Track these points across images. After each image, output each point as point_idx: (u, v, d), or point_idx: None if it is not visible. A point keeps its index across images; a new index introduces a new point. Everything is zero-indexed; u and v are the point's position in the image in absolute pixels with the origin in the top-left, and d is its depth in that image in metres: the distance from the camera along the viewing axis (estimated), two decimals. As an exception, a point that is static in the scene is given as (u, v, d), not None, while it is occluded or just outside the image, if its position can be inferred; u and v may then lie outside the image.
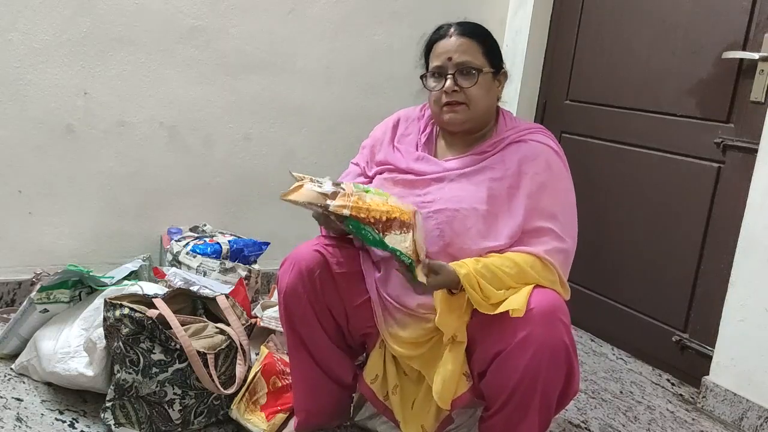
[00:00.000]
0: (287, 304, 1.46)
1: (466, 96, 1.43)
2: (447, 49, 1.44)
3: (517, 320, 1.27)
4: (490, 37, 1.49)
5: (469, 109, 1.44)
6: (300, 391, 1.56)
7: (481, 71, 1.43)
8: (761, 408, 1.83)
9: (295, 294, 1.44)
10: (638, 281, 2.27)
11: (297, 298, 1.44)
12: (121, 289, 1.71)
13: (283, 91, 2.39)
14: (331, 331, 1.50)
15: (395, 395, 1.50)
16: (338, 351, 1.53)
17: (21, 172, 2.07)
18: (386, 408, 1.53)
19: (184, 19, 2.19)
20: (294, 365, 1.54)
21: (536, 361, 1.27)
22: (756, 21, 1.92)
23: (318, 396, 1.56)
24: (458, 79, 1.42)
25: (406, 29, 2.52)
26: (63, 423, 1.56)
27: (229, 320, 1.65)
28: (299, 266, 1.44)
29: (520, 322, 1.28)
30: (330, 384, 1.55)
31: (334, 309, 1.48)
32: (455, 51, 1.43)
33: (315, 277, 1.43)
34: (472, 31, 1.46)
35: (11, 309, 2.05)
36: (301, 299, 1.44)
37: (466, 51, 1.43)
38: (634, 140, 2.27)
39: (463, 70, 1.42)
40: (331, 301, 1.47)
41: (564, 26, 2.57)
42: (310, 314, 1.46)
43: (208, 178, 2.34)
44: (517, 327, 1.28)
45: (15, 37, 1.98)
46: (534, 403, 1.31)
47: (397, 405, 1.50)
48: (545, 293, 1.33)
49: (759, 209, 1.84)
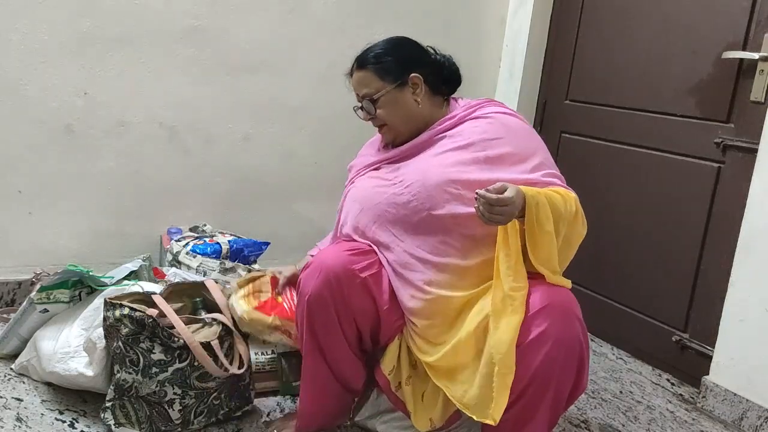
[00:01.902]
0: (311, 309, 1.45)
1: (380, 120, 1.57)
2: (354, 86, 1.61)
3: (533, 316, 1.29)
4: (385, 55, 1.57)
5: (391, 128, 1.58)
6: (308, 393, 1.56)
7: (378, 97, 1.55)
8: (761, 408, 1.83)
9: (321, 300, 1.44)
10: (638, 281, 2.27)
11: (323, 304, 1.44)
12: (121, 289, 1.71)
13: (283, 91, 2.39)
14: (351, 338, 1.50)
15: (408, 386, 1.51)
16: (354, 358, 1.53)
17: (21, 172, 2.07)
18: (398, 399, 1.54)
19: (184, 19, 2.19)
20: (306, 367, 1.54)
21: (551, 358, 1.28)
22: (756, 21, 1.92)
23: (325, 400, 1.56)
24: (366, 108, 1.58)
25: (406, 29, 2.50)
26: (63, 423, 1.57)
27: (216, 297, 1.69)
28: (326, 272, 1.44)
29: (536, 319, 1.28)
30: (339, 389, 1.56)
31: (360, 316, 1.47)
32: (357, 86, 1.60)
33: (343, 285, 1.44)
34: (363, 61, 1.58)
35: (11, 309, 2.05)
36: (327, 305, 1.44)
37: (363, 83, 1.58)
38: (634, 140, 2.27)
39: (368, 101, 1.57)
40: (358, 309, 1.46)
41: (564, 26, 2.57)
42: (333, 321, 1.46)
43: (208, 178, 2.34)
44: (533, 323, 1.29)
45: (15, 37, 1.98)
46: (546, 400, 1.31)
47: (409, 396, 1.51)
48: (559, 290, 1.35)
49: (759, 209, 1.84)
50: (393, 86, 1.54)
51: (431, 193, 1.43)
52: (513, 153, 1.46)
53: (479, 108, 1.55)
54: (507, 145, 1.46)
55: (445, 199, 1.42)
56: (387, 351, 1.54)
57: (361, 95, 1.58)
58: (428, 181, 1.44)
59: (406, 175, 1.50)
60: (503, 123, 1.51)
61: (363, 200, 1.54)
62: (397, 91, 1.55)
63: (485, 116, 1.52)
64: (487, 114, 1.53)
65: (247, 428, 1.65)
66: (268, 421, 1.69)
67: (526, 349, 1.29)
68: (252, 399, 1.70)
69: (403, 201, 1.46)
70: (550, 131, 2.58)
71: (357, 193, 1.58)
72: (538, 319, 1.29)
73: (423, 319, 1.45)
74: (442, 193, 1.42)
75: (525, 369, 1.29)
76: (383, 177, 1.55)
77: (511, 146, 1.47)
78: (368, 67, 1.56)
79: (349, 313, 1.46)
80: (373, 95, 1.55)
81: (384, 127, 1.59)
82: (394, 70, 1.55)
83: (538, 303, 1.30)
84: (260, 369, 1.77)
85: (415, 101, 1.56)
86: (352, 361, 1.53)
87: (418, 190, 1.45)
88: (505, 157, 1.45)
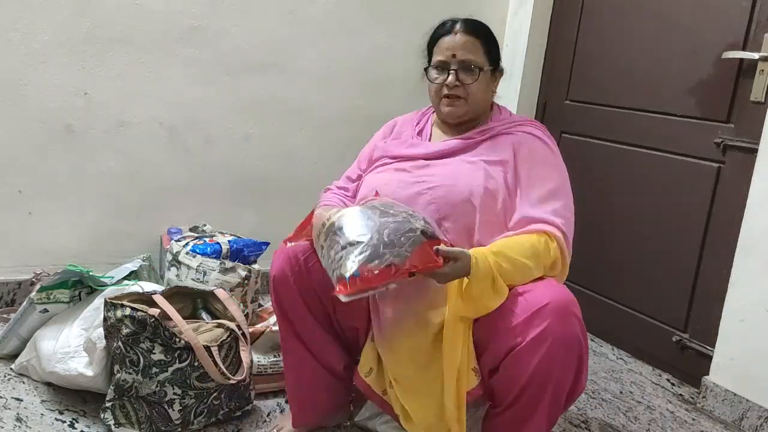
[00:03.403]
0: (276, 290, 1.48)
1: (466, 91, 1.51)
2: (451, 46, 1.51)
3: (533, 315, 1.29)
4: (492, 36, 1.56)
5: (467, 103, 1.53)
6: (292, 379, 1.57)
7: (482, 69, 1.51)
8: (761, 408, 1.83)
9: (283, 277, 1.46)
10: (638, 281, 2.27)
11: (285, 281, 1.46)
12: (121, 289, 1.71)
13: (283, 91, 2.39)
14: (320, 316, 1.51)
15: (392, 389, 1.50)
16: (328, 338, 1.54)
17: (21, 172, 2.07)
18: (384, 402, 1.53)
19: (184, 19, 2.19)
20: (286, 352, 1.56)
21: (550, 357, 1.28)
22: (756, 21, 1.92)
23: (310, 386, 1.56)
24: (460, 75, 1.50)
25: (406, 29, 2.52)
26: (63, 423, 1.57)
27: (230, 309, 1.69)
28: (287, 251, 1.48)
29: (536, 318, 1.29)
30: (322, 372, 1.56)
31: (322, 293, 1.47)
32: (460, 48, 1.50)
33: (301, 260, 1.46)
34: (476, 29, 1.53)
35: (11, 309, 2.05)
36: (288, 281, 1.46)
37: (470, 49, 1.51)
38: (634, 140, 2.27)
39: (466, 67, 1.50)
40: (319, 285, 1.46)
41: (564, 26, 2.57)
42: (296, 296, 1.46)
43: (208, 178, 2.34)
44: (532, 322, 1.29)
45: (15, 37, 1.98)
46: (545, 400, 1.31)
47: (396, 400, 1.50)
48: (558, 288, 1.35)
49: (759, 209, 1.84)
50: (490, 68, 1.54)
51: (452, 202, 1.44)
52: (531, 182, 1.46)
53: (521, 125, 1.55)
54: (529, 172, 1.47)
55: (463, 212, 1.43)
56: (362, 353, 1.54)
57: (462, 59, 1.50)
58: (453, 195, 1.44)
59: (434, 177, 1.48)
60: (533, 149, 1.50)
61: (382, 187, 1.53)
62: (490, 74, 1.55)
63: (526, 134, 1.53)
64: (527, 132, 1.53)
65: (247, 428, 1.65)
66: (268, 421, 1.69)
67: (524, 349, 1.29)
68: (252, 399, 1.70)
69: (423, 201, 1.45)
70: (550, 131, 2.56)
71: (378, 182, 1.55)
72: (538, 318, 1.28)
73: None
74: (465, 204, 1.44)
75: (524, 368, 1.29)
76: (408, 170, 1.53)
77: (532, 174, 1.47)
78: (479, 37, 1.52)
79: (309, 286, 1.45)
80: (476, 68, 1.50)
81: (460, 100, 1.52)
82: (496, 54, 1.56)
83: (538, 302, 1.30)
84: (262, 372, 1.78)
85: (493, 92, 1.59)
86: (327, 340, 1.54)
87: (441, 195, 1.45)
88: (523, 183, 1.46)
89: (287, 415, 1.66)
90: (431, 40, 1.57)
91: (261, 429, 1.65)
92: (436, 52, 1.55)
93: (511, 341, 1.31)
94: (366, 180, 1.60)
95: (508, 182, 1.46)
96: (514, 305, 1.33)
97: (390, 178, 1.54)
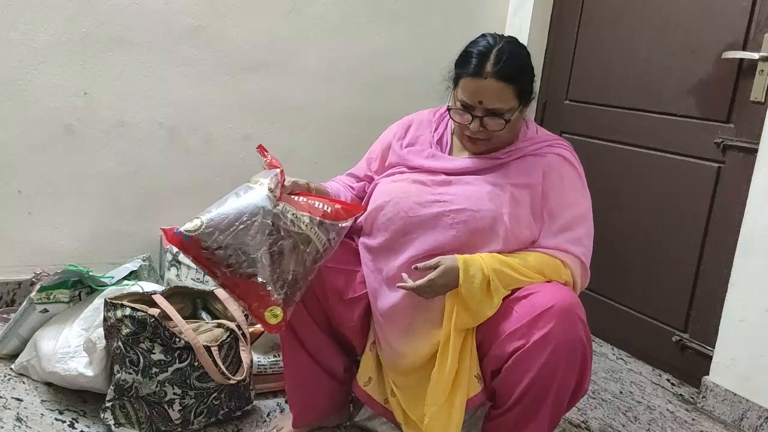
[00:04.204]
0: None
1: (490, 134, 1.41)
2: (479, 91, 1.37)
3: (537, 318, 1.28)
4: (527, 74, 1.42)
5: (491, 142, 1.44)
6: (292, 380, 1.57)
7: (509, 118, 1.39)
8: (761, 408, 1.83)
9: None
10: (638, 281, 2.27)
11: None
12: (121, 289, 1.71)
13: (283, 91, 2.39)
14: (319, 318, 1.50)
15: (394, 398, 1.50)
16: (328, 340, 1.54)
17: (21, 172, 2.07)
18: (386, 411, 1.53)
19: (184, 19, 2.19)
20: (285, 354, 1.56)
21: (554, 359, 1.28)
22: (756, 21, 1.92)
23: (310, 387, 1.56)
24: (485, 120, 1.39)
25: (406, 29, 2.52)
26: (63, 423, 1.57)
27: (230, 309, 1.68)
28: None
29: (540, 320, 1.28)
30: (322, 375, 1.56)
31: (321, 296, 1.48)
32: (488, 96, 1.36)
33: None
34: (509, 75, 1.36)
35: (11, 309, 2.05)
36: None
37: (499, 96, 1.37)
38: (634, 140, 2.27)
39: (492, 114, 1.39)
40: (318, 288, 1.45)
41: (564, 26, 2.57)
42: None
43: (208, 178, 2.34)
44: (536, 325, 1.28)
45: (15, 37, 1.98)
46: (547, 402, 1.31)
47: (398, 408, 1.50)
48: (563, 291, 1.34)
49: (759, 209, 1.84)
50: (520, 108, 1.41)
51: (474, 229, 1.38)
52: (558, 210, 1.42)
53: (549, 146, 1.47)
54: (558, 198, 1.42)
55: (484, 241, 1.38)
56: (361, 362, 1.55)
57: (490, 108, 1.37)
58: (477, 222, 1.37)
59: (456, 197, 1.40)
60: (563, 175, 1.45)
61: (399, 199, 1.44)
62: (521, 111, 1.43)
63: (556, 156, 1.46)
64: (557, 154, 1.46)
65: (247, 428, 1.65)
66: (268, 421, 1.69)
67: (528, 351, 1.29)
68: (252, 399, 1.70)
69: (444, 224, 1.39)
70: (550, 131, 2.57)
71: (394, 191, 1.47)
72: (543, 320, 1.28)
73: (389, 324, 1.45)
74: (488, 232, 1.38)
75: (527, 370, 1.29)
76: (427, 184, 1.44)
77: (556, 201, 1.42)
78: (511, 82, 1.36)
79: (309, 291, 1.41)
80: (505, 114, 1.38)
81: (483, 141, 1.42)
82: (529, 91, 1.42)
83: (543, 304, 1.29)
84: (262, 372, 1.78)
85: (524, 119, 1.48)
86: (326, 343, 1.54)
87: (464, 220, 1.37)
88: (550, 209, 1.42)
89: (287, 415, 1.66)
90: (459, 68, 1.41)
91: (261, 429, 1.65)
92: (462, 90, 1.39)
93: (514, 343, 1.31)
94: (380, 187, 1.51)
95: (535, 206, 1.41)
96: (518, 307, 1.33)
97: (408, 189, 1.45)
